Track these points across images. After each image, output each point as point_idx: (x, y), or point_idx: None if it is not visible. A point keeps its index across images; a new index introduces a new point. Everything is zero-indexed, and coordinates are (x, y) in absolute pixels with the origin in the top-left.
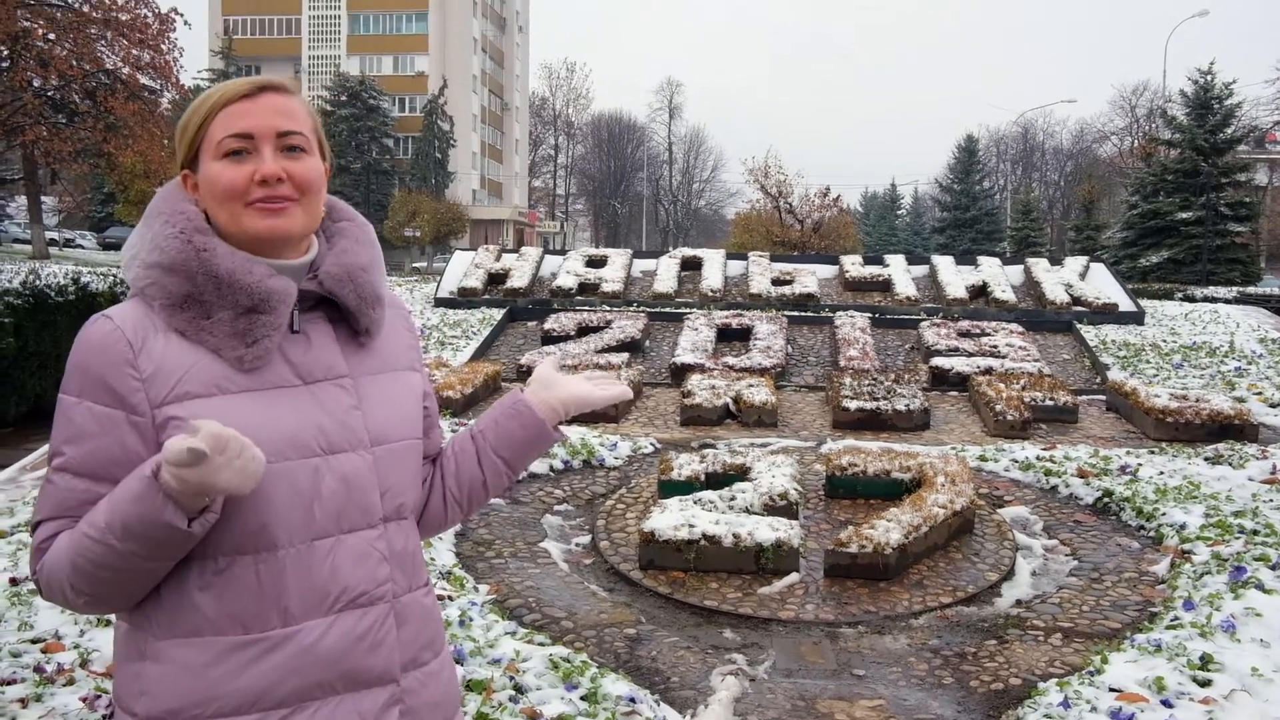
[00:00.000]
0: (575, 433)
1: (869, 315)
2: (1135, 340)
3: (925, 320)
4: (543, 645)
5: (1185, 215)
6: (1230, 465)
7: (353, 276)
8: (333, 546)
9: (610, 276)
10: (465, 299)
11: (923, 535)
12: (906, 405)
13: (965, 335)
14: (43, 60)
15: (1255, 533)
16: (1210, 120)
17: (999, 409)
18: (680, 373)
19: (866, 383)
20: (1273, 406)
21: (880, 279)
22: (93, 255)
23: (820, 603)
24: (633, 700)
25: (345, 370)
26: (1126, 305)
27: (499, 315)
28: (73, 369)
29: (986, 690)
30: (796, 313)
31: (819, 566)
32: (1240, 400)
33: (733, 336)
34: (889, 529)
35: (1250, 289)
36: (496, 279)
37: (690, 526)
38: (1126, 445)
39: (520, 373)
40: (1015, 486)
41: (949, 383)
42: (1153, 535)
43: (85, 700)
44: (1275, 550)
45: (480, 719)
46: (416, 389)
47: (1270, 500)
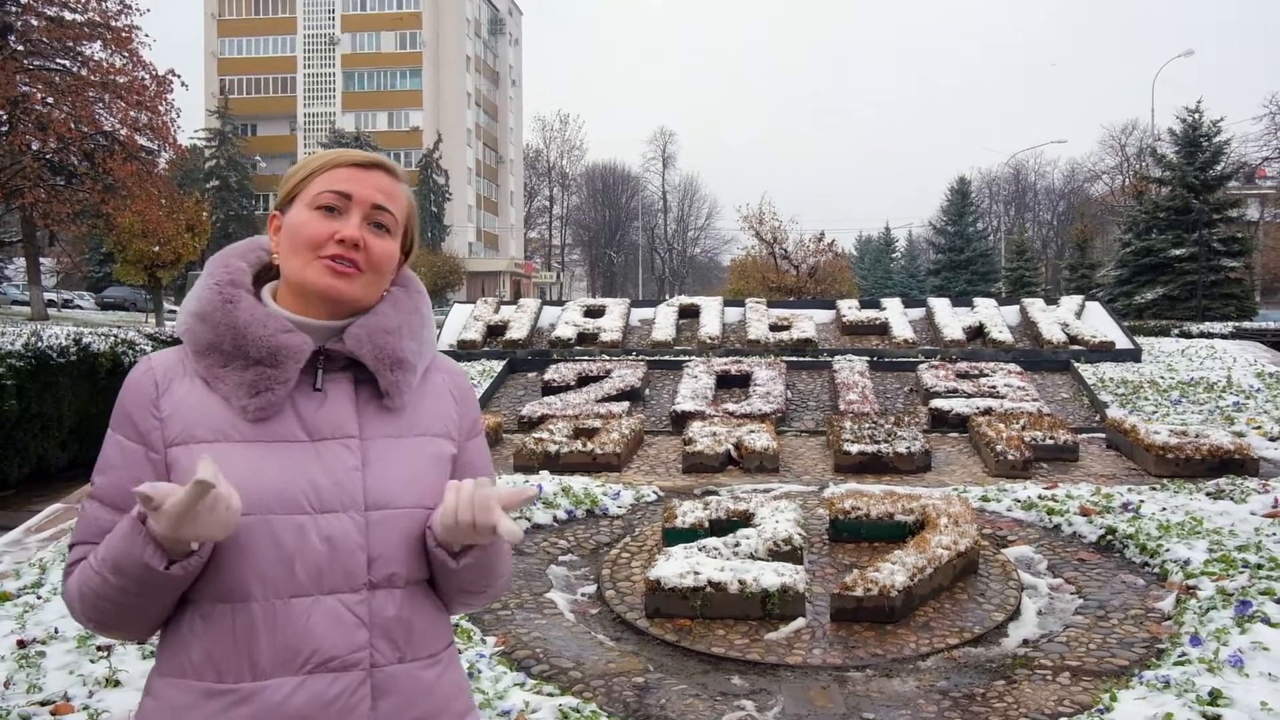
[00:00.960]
0: (579, 483)
1: (867, 359)
2: (1133, 377)
3: (923, 362)
4: (552, 695)
5: (1179, 252)
6: (1232, 500)
7: (373, 338)
8: (310, 606)
9: (609, 326)
10: (465, 351)
11: (928, 577)
12: (907, 448)
13: (964, 376)
14: (41, 123)
15: (1259, 567)
16: (1200, 157)
17: (999, 449)
18: (681, 420)
19: (867, 426)
20: (1272, 440)
21: (877, 322)
22: (91, 315)
23: (827, 647)
24: None
25: (354, 431)
26: (1123, 343)
27: (499, 367)
28: (115, 405)
29: None
30: (795, 358)
31: (825, 611)
32: (1240, 435)
33: (732, 383)
34: (894, 571)
35: (1246, 324)
36: (495, 331)
37: (695, 574)
38: (1128, 482)
39: (521, 424)
40: (1018, 526)
41: (949, 424)
42: (1157, 571)
43: None
44: None
45: None
46: (443, 458)
47: (1273, 534)
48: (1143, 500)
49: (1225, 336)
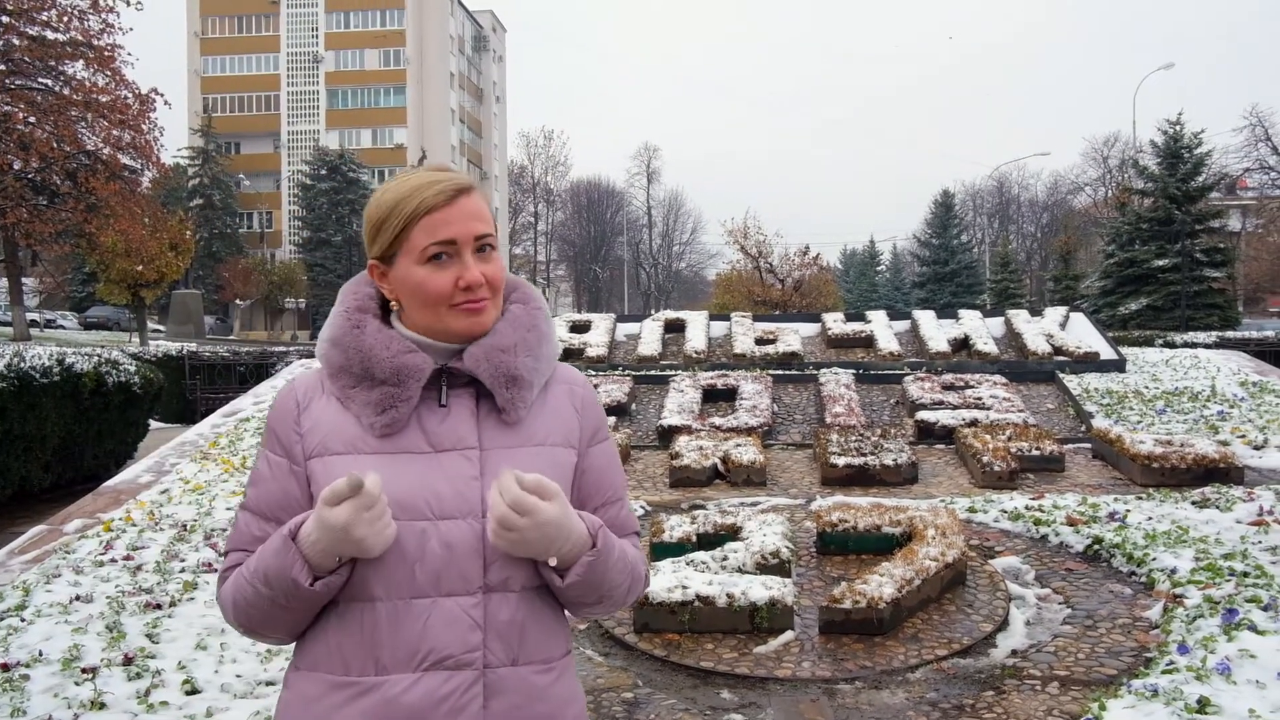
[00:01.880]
0: None
1: (853, 371)
2: (1118, 388)
3: (909, 374)
4: None
5: (1162, 262)
6: (1218, 508)
7: (489, 356)
8: (429, 607)
9: (594, 341)
10: None
11: (916, 589)
12: (894, 460)
13: (949, 388)
14: (24, 143)
15: (1246, 574)
16: (1181, 169)
17: (986, 460)
18: (668, 435)
19: (853, 439)
20: (1256, 449)
21: (863, 335)
22: (75, 335)
23: (816, 660)
24: None
25: (474, 443)
26: (1108, 353)
27: None
28: (265, 424)
29: None
30: (781, 371)
31: (814, 624)
32: (1224, 444)
33: (719, 397)
34: (882, 584)
35: (1229, 333)
36: None
37: (684, 588)
38: (1114, 492)
39: None
40: (1005, 537)
41: (935, 436)
42: (1144, 581)
43: None
44: (1266, 591)
45: None
46: (563, 465)
47: (1259, 542)
48: (1129, 510)
49: (1209, 346)
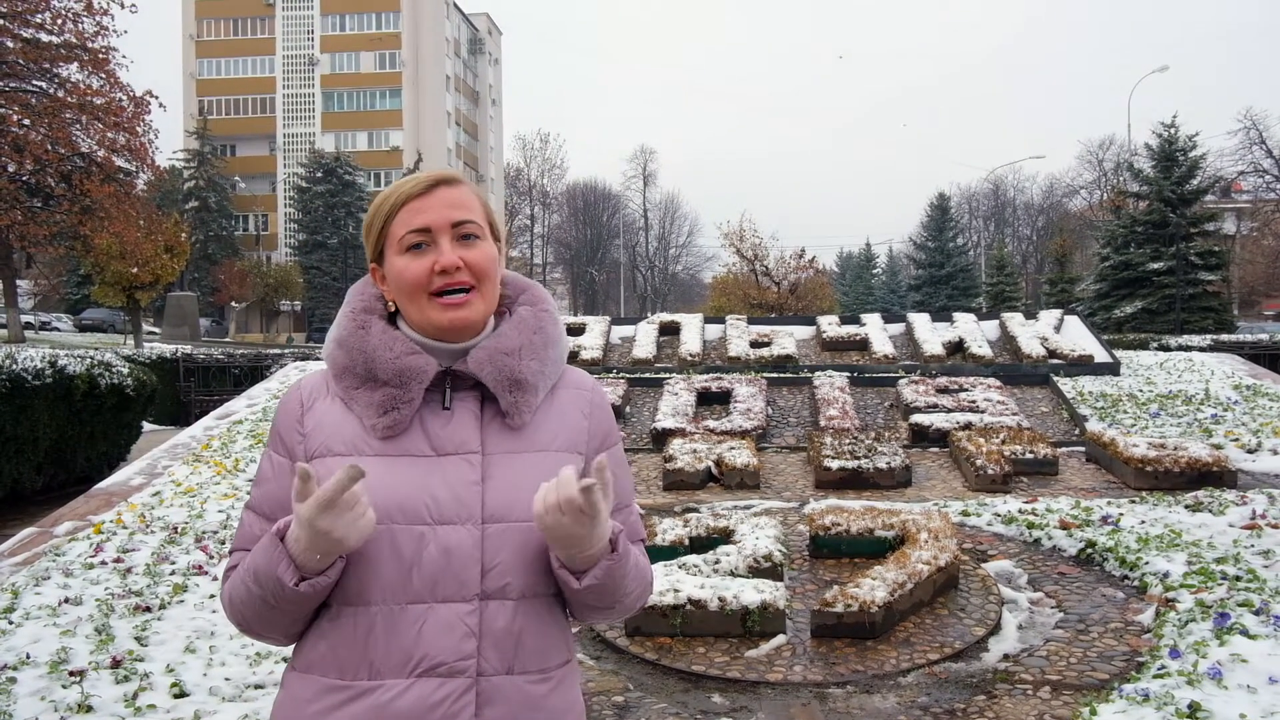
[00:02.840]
0: None
1: (847, 374)
2: (1112, 391)
3: (903, 378)
4: None
5: (1156, 266)
6: (1210, 512)
7: (493, 360)
8: (424, 613)
9: (589, 344)
10: None
11: (908, 592)
12: (888, 463)
13: (944, 391)
14: (18, 145)
15: (1238, 579)
16: (1176, 172)
17: (979, 464)
18: (661, 438)
19: (847, 442)
20: (1250, 452)
21: (857, 338)
22: (69, 338)
23: (808, 664)
24: None
25: (477, 447)
26: (1102, 356)
27: None
28: (271, 425)
29: None
30: (775, 374)
31: (806, 627)
32: (1218, 447)
33: (713, 400)
34: (874, 587)
35: (1224, 336)
36: None
37: (675, 591)
38: (1107, 495)
39: None
40: (998, 540)
41: (929, 439)
42: (1137, 584)
43: None
44: (1258, 595)
45: None
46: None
47: (1251, 546)
48: (1122, 513)
49: (1203, 349)
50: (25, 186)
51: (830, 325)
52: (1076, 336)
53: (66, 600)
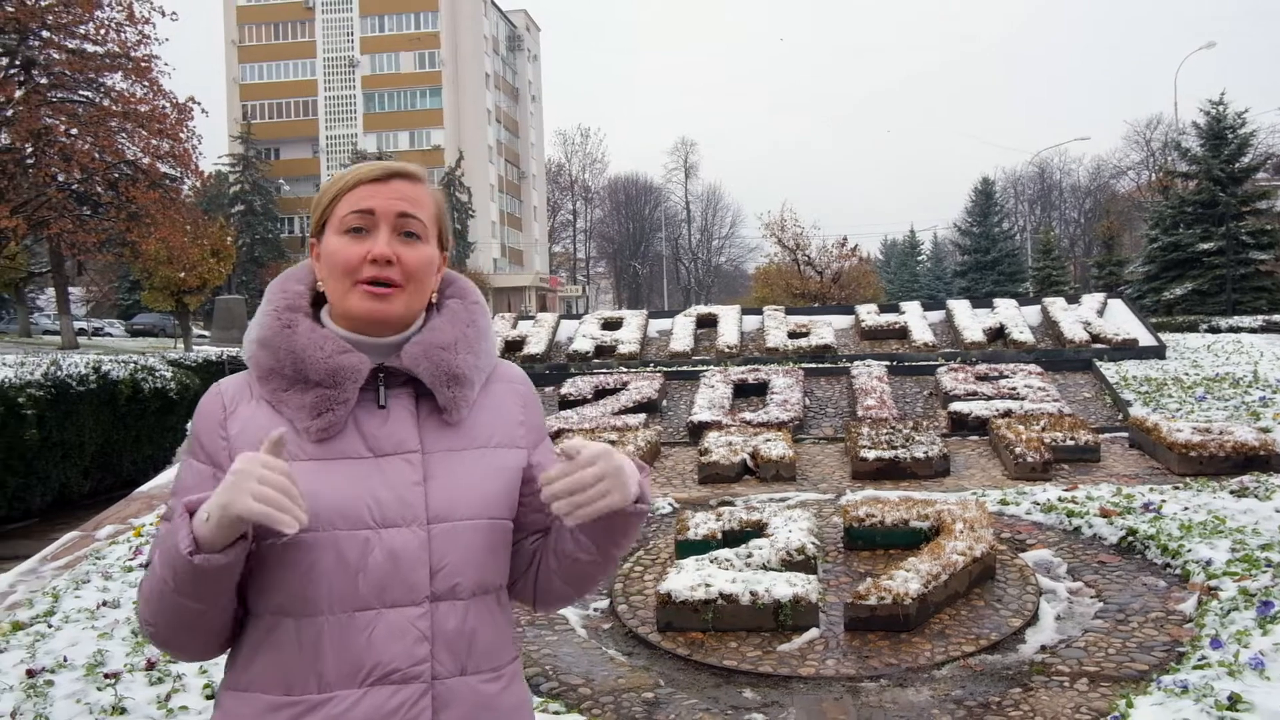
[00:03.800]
0: None
1: (886, 364)
2: (1156, 375)
3: (943, 365)
4: (558, 714)
5: (1206, 246)
6: (1256, 498)
7: (429, 355)
8: (373, 620)
9: (626, 338)
10: None
11: (943, 584)
12: (925, 452)
13: (983, 379)
14: (65, 155)
15: None
16: (1225, 150)
17: (1019, 451)
18: (698, 431)
19: (884, 432)
20: None
21: (896, 326)
22: (122, 343)
23: (841, 658)
24: None
25: (416, 446)
26: (1146, 340)
27: None
28: (189, 431)
29: None
30: (813, 364)
31: (839, 620)
32: (1265, 430)
33: (750, 392)
34: (908, 579)
35: (1277, 317)
36: (513, 346)
37: (707, 586)
38: (1150, 482)
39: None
40: (1037, 529)
41: (968, 427)
42: (1179, 573)
43: None
44: None
45: None
46: (510, 467)
47: None
48: (1164, 500)
49: (1255, 330)
50: (74, 195)
51: (869, 314)
52: (1120, 320)
53: (104, 603)
